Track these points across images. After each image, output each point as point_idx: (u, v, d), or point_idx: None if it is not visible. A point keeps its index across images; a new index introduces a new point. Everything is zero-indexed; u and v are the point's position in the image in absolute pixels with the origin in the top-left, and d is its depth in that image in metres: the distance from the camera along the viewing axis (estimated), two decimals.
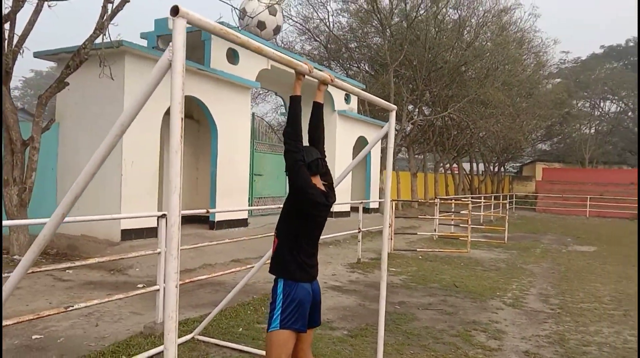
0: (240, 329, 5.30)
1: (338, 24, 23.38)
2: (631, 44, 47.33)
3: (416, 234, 13.85)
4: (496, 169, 40.51)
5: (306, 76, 2.92)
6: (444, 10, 20.78)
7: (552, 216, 26.90)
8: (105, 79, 8.05)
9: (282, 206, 3.01)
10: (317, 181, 2.91)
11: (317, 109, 3.07)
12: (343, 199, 16.20)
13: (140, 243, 8.89)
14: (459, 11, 21.00)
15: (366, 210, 16.25)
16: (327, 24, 22.49)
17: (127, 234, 8.77)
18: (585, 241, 15.54)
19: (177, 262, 1.87)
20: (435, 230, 13.70)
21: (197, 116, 12.33)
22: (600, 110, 46.36)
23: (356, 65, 24.23)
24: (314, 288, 2.94)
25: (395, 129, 21.23)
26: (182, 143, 1.85)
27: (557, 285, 8.38)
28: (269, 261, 3.01)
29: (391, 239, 10.95)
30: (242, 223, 11.72)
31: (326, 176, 3.01)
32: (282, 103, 20.16)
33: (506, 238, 13.84)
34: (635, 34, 43.60)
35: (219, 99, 10.79)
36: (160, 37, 11.28)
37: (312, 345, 4.65)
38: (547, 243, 14.51)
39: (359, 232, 9.96)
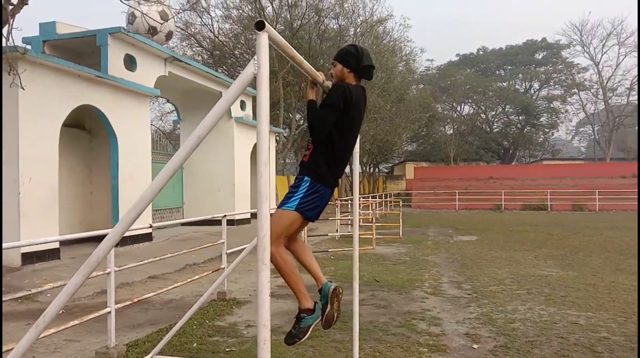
0: (195, 344, 5.17)
1: (223, 30, 23.15)
2: (481, 52, 53.19)
3: (319, 236, 14.27)
4: (371, 170, 42.91)
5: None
6: (325, 20, 21.62)
7: (427, 211, 29.24)
8: None
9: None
10: None
11: (310, 105, 3.17)
12: (243, 206, 16.12)
13: (44, 266, 8.10)
14: (339, 21, 21.99)
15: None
16: (212, 30, 22.17)
17: (28, 258, 7.93)
18: (465, 231, 17.20)
19: (268, 271, 1.91)
20: (337, 230, 14.23)
21: (89, 126, 11.48)
22: (458, 112, 51.36)
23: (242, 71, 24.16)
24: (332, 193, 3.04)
25: (284, 136, 21.62)
26: (270, 155, 1.89)
27: (461, 273, 9.25)
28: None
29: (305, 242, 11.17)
30: (147, 237, 11.18)
31: None
32: (172, 109, 19.43)
33: (401, 234, 14.84)
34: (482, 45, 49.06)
35: (118, 107, 10.19)
36: (47, 43, 10.30)
37: (274, 351, 4.73)
38: (434, 236, 15.81)
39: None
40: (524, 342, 5.15)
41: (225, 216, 7.12)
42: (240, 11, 21.54)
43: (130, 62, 10.84)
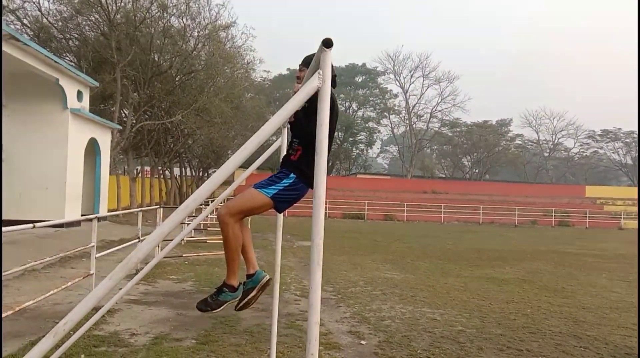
0: (83, 356, 4.73)
1: (52, 11, 20.61)
2: None
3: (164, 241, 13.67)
4: (200, 174, 42.12)
5: None
6: (168, 17, 20.84)
7: (259, 217, 29.76)
8: None
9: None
10: None
11: None
12: (74, 206, 14.63)
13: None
14: (184, 20, 21.39)
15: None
16: (40, 9, 19.65)
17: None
18: (301, 237, 18.07)
19: (320, 272, 2.05)
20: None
21: None
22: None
23: (70, 59, 21.81)
24: None
25: (120, 135, 20.17)
26: (325, 167, 2.03)
27: None
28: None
29: (158, 247, 10.67)
30: None
31: None
32: None
33: None
34: None
35: None
36: None
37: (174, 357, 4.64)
38: (275, 241, 16.31)
39: (139, 240, 9.41)
40: (400, 337, 5.81)
41: (97, 217, 6.56)
42: None
43: None
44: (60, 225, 13.44)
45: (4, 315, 4.95)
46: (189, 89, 23.07)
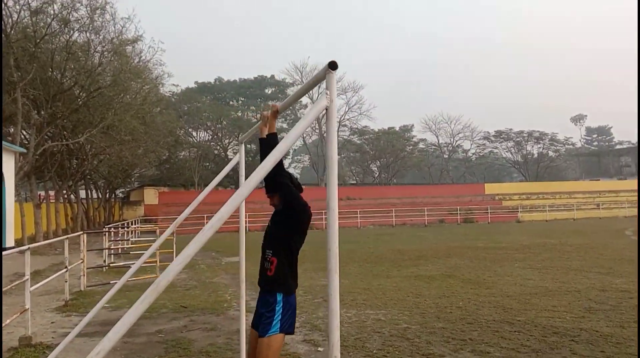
0: None
1: None
2: (218, 82, 55.57)
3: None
4: (107, 195, 40.02)
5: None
6: (71, 33, 19.76)
7: (177, 237, 28.81)
8: None
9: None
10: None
11: (275, 139, 3.38)
12: None
13: None
14: (87, 35, 20.37)
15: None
16: None
17: None
18: (227, 253, 17.84)
19: (337, 277, 2.21)
20: (105, 261, 13.15)
21: None
22: (194, 138, 52.20)
23: None
24: None
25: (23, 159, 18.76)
26: (336, 181, 2.20)
27: (256, 289, 9.81)
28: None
29: (83, 275, 10.11)
30: None
31: None
32: None
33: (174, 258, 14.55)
34: None
35: None
36: None
37: None
38: (201, 259, 16.03)
39: (67, 269, 8.81)
40: (353, 340, 6.03)
41: (29, 247, 6.16)
42: None
43: None
44: None
45: None
46: (95, 106, 21.93)
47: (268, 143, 3.32)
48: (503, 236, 22.63)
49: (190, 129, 49.79)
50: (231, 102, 57.28)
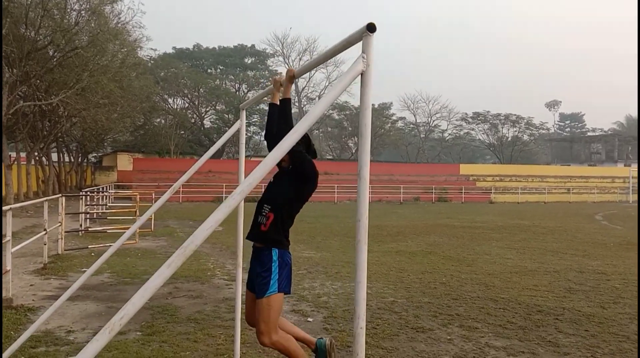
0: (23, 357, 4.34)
1: None
2: (196, 49, 54.25)
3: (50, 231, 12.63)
4: (80, 159, 39.08)
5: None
6: None
7: (149, 204, 28.46)
8: None
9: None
10: None
11: (289, 105, 3.27)
12: None
13: None
14: None
15: None
16: None
17: None
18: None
19: (366, 249, 2.15)
20: (81, 225, 12.87)
21: None
22: (171, 105, 51.04)
23: None
24: None
25: None
26: (369, 149, 2.12)
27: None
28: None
29: (61, 239, 9.87)
30: None
31: None
32: None
33: (152, 226, 14.36)
34: None
35: None
36: None
37: (126, 352, 4.48)
38: (179, 227, 15.85)
39: (45, 232, 8.58)
40: (342, 312, 6.06)
41: (10, 208, 5.95)
42: None
43: None
44: None
45: None
46: (71, 67, 21.14)
47: (282, 109, 3.21)
48: (478, 216, 23.01)
49: (166, 96, 48.60)
50: (209, 70, 56.01)
